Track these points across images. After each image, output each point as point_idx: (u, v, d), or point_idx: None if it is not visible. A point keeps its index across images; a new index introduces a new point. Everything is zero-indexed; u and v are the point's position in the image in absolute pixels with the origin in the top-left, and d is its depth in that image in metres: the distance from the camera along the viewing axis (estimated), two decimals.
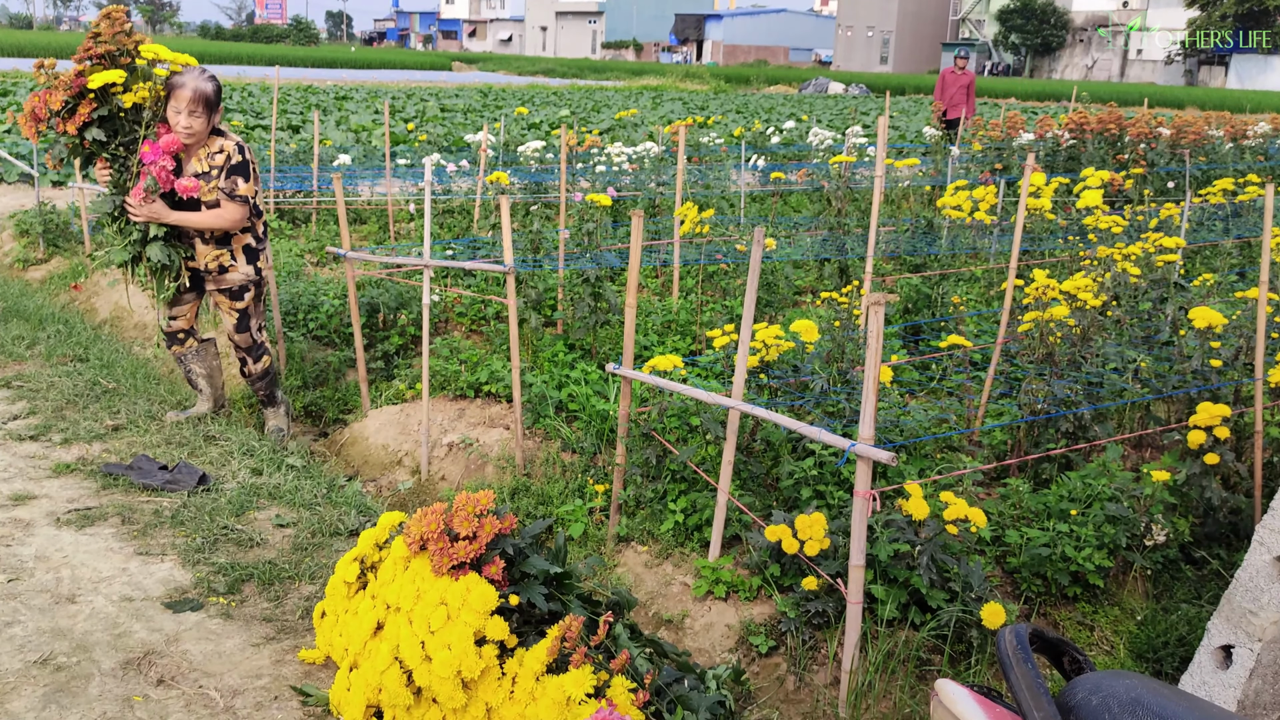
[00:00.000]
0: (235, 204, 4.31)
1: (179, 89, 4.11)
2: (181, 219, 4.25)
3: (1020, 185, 4.37)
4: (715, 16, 71.25)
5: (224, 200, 4.29)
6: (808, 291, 6.97)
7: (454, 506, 2.50)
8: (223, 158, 4.28)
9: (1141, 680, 1.34)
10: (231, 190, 4.29)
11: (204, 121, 4.17)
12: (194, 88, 4.13)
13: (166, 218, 4.20)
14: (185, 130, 4.13)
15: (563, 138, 6.90)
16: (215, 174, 4.25)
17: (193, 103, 4.12)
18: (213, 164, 4.25)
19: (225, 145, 4.30)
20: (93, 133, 3.96)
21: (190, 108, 4.12)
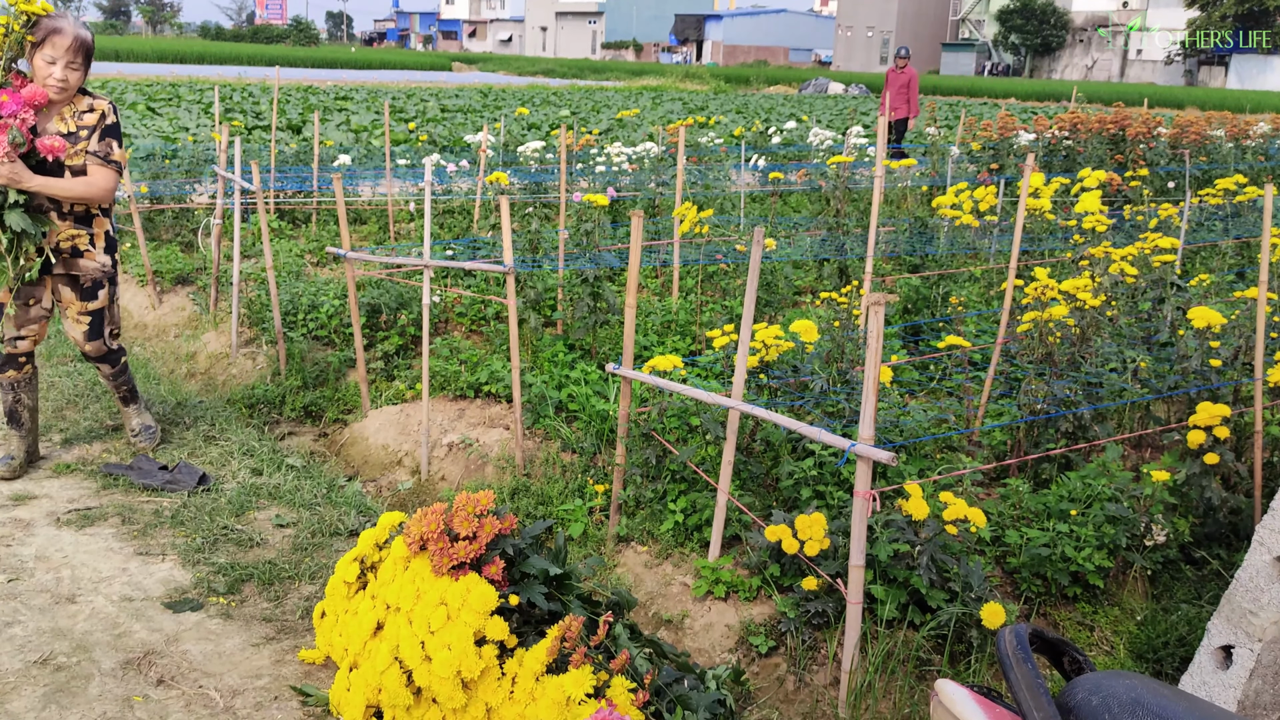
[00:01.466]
0: (109, 170, 3.73)
1: (57, 34, 3.52)
2: (45, 184, 3.61)
3: (1019, 185, 4.37)
4: (715, 17, 71.25)
5: (95, 166, 3.71)
6: (807, 291, 6.97)
7: (454, 507, 2.50)
8: (94, 117, 3.72)
9: (1141, 680, 1.34)
10: (106, 154, 3.72)
11: (80, 76, 3.65)
12: (76, 34, 3.57)
13: (28, 183, 3.55)
14: (58, 84, 3.57)
15: (562, 138, 6.90)
16: (85, 135, 3.69)
17: (72, 52, 3.57)
18: (81, 123, 3.69)
19: (96, 104, 3.74)
20: None
21: (69, 58, 3.56)
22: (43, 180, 3.59)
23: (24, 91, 3.48)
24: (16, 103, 3.43)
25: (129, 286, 7.29)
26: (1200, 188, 9.97)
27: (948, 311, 5.69)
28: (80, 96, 3.75)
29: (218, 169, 6.21)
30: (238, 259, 5.86)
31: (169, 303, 6.92)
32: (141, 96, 20.83)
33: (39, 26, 3.50)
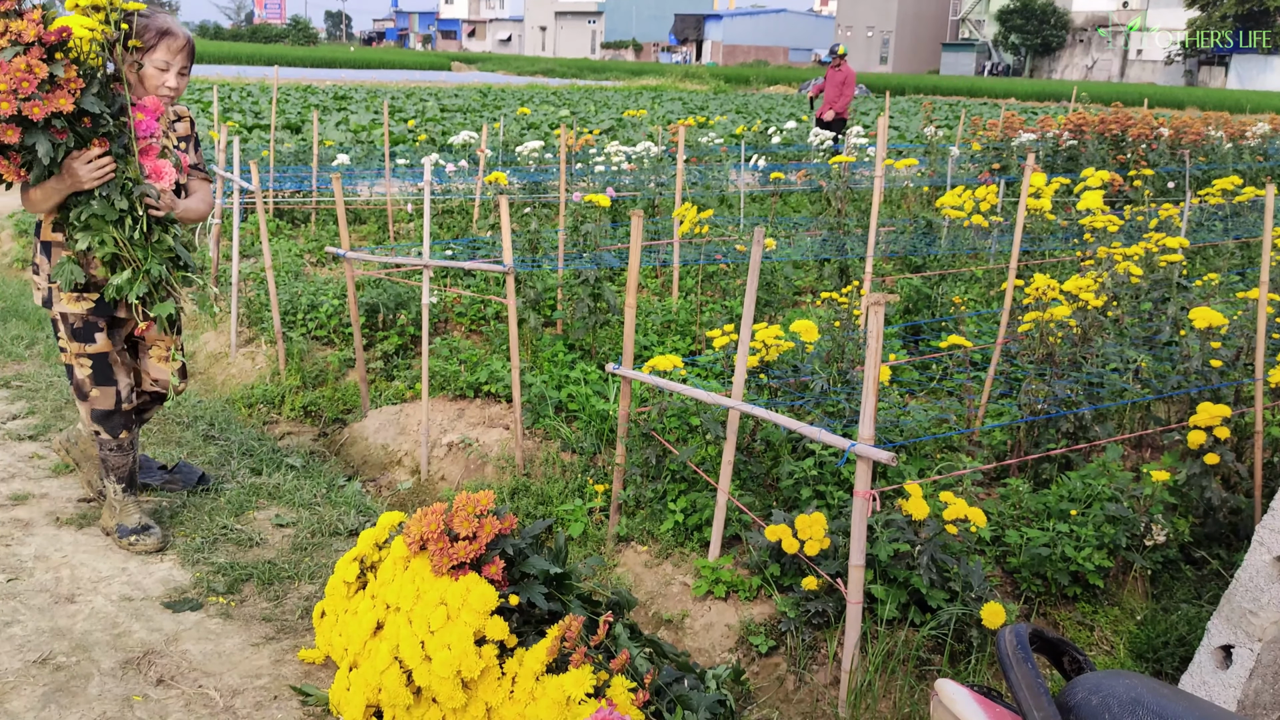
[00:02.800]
0: (210, 184, 3.39)
1: (170, 37, 3.09)
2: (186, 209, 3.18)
3: (1020, 185, 4.37)
4: (715, 17, 71.25)
5: (198, 181, 3.32)
6: (807, 291, 6.97)
7: (454, 506, 2.50)
8: (185, 126, 3.34)
9: (1141, 680, 1.34)
10: (205, 166, 3.38)
11: (186, 83, 3.22)
12: (187, 36, 3.16)
13: (176, 207, 3.10)
14: (171, 93, 3.13)
15: (562, 138, 6.89)
16: (182, 148, 3.32)
17: (185, 56, 3.15)
18: (178, 134, 3.32)
19: (180, 110, 3.34)
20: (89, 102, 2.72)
21: (182, 63, 3.14)
22: (184, 204, 3.17)
23: (147, 103, 2.98)
24: (153, 119, 2.96)
25: None
26: (1200, 188, 9.97)
27: (948, 311, 5.69)
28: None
29: (216, 168, 6.21)
30: (237, 258, 5.86)
31: None
32: None
33: (145, 26, 3.05)
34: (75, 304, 3.16)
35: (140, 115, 2.92)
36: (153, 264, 2.95)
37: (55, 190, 2.86)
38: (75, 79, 2.65)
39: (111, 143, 2.84)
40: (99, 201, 2.86)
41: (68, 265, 3.00)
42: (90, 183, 2.82)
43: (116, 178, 2.87)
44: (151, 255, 2.97)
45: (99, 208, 2.86)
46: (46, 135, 2.67)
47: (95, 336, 3.17)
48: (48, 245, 3.17)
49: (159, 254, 2.98)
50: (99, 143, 2.81)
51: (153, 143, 2.96)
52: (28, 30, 2.56)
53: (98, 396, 3.25)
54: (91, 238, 2.89)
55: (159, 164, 2.97)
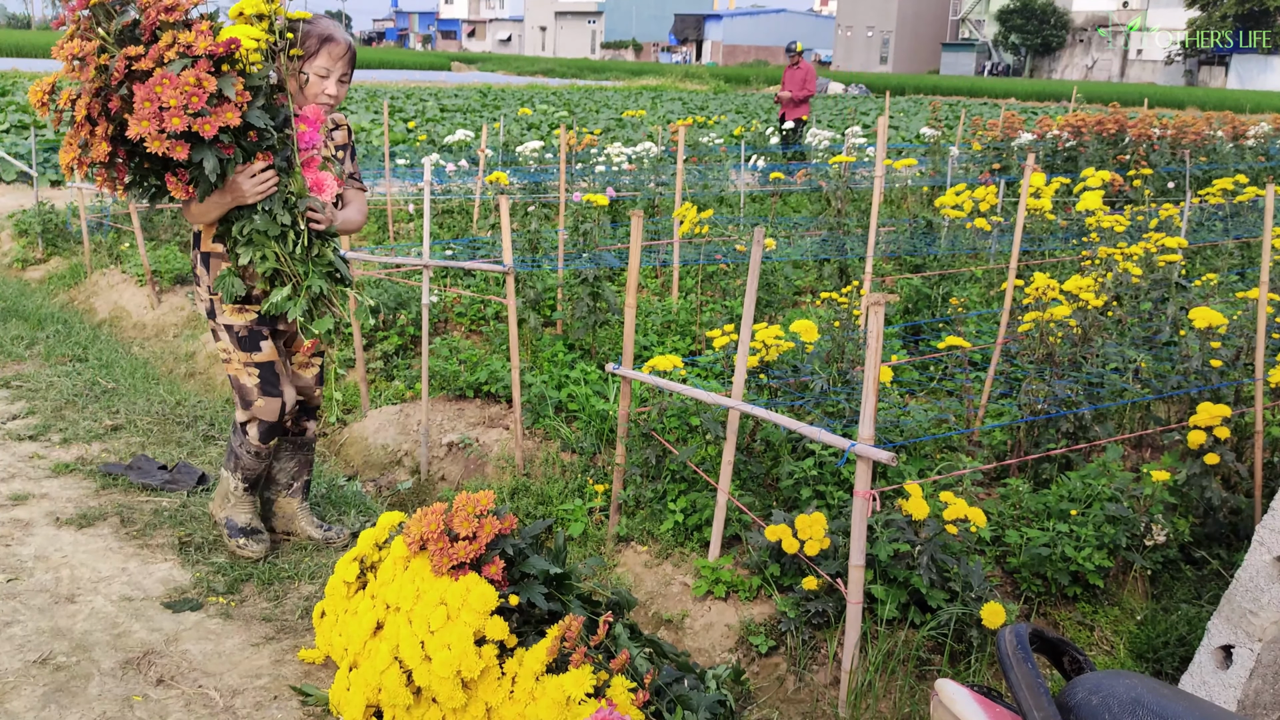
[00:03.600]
0: (364, 194, 3.24)
1: (332, 43, 2.93)
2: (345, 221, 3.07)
3: (1020, 185, 4.37)
4: (715, 17, 71.25)
5: (354, 191, 3.18)
6: (807, 291, 6.97)
7: (454, 506, 2.50)
8: (343, 135, 3.18)
9: (1141, 680, 1.34)
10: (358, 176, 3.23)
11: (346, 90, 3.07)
12: (349, 43, 3.00)
13: (336, 220, 2.97)
14: (331, 100, 2.99)
15: (562, 138, 6.89)
16: (343, 154, 3.17)
17: (346, 63, 2.99)
18: (336, 143, 3.16)
19: (338, 118, 3.19)
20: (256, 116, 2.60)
21: (343, 70, 2.98)
22: (343, 216, 3.06)
23: (308, 113, 2.83)
24: (315, 131, 2.82)
25: (128, 286, 7.29)
26: (1200, 188, 9.97)
27: (948, 311, 5.69)
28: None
29: None
30: None
31: (168, 302, 6.92)
32: None
33: (307, 33, 2.92)
34: (238, 315, 3.07)
35: (303, 126, 2.80)
36: (314, 279, 2.85)
37: (218, 204, 2.77)
38: (243, 92, 2.54)
39: (275, 156, 2.74)
40: (261, 216, 2.77)
41: (229, 279, 2.90)
42: (254, 197, 2.73)
43: (279, 191, 2.78)
44: (312, 270, 2.87)
45: (261, 223, 2.76)
46: (214, 151, 2.56)
47: (261, 345, 3.08)
48: (207, 256, 3.07)
49: (319, 268, 2.88)
50: (263, 156, 2.71)
51: (314, 154, 2.85)
52: (197, 42, 2.46)
53: (262, 406, 3.16)
54: (253, 252, 2.80)
55: (320, 176, 2.86)
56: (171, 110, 2.43)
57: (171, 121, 2.43)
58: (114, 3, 2.55)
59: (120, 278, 7.45)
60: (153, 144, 2.45)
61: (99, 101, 2.49)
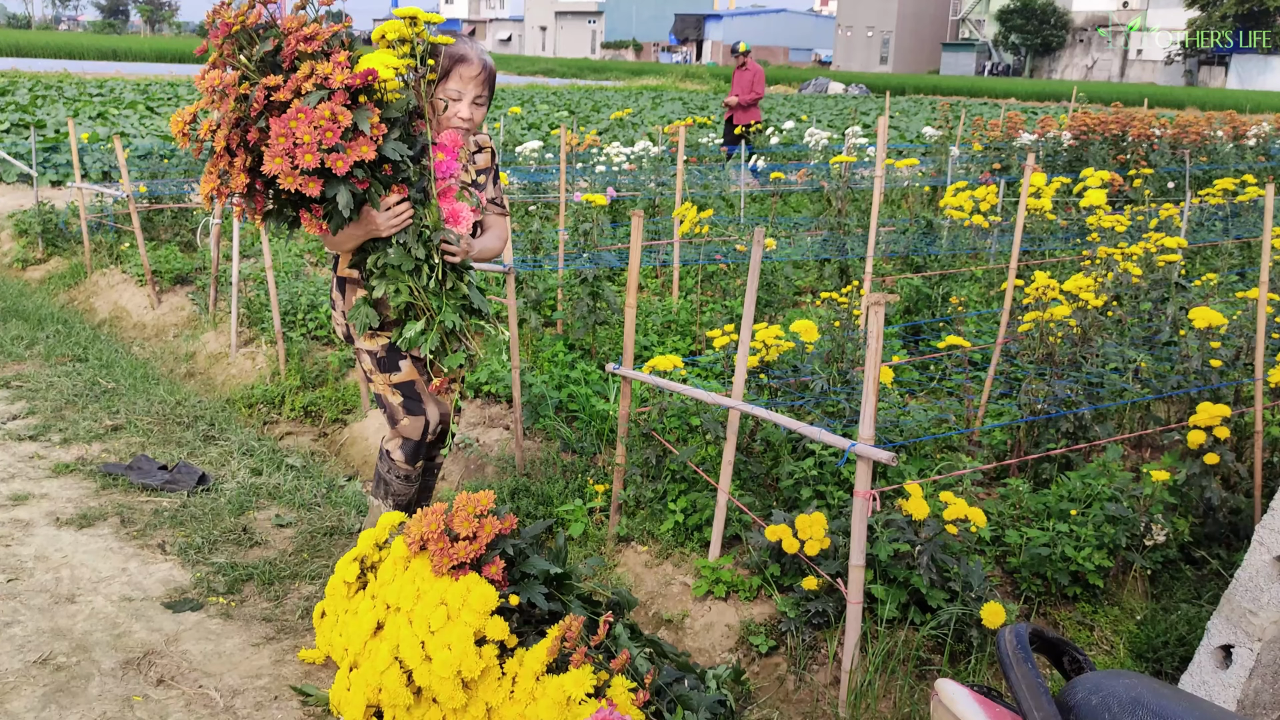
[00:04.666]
0: (506, 219, 3.12)
1: (464, 63, 2.83)
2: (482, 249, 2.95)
3: (1020, 185, 4.37)
4: (715, 16, 71.26)
5: (495, 216, 3.07)
6: (808, 291, 6.97)
7: (454, 507, 2.50)
8: (485, 158, 3.07)
9: (1141, 680, 1.34)
10: (502, 200, 3.11)
11: (484, 112, 2.95)
12: (484, 63, 2.88)
13: (473, 250, 2.85)
14: (465, 124, 2.88)
15: (562, 138, 6.90)
16: (484, 179, 3.05)
17: (480, 84, 2.88)
18: (476, 167, 3.04)
19: (481, 140, 3.08)
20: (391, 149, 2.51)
21: (477, 91, 2.87)
22: (480, 244, 2.93)
23: (445, 140, 2.72)
24: (453, 159, 2.69)
25: (128, 286, 7.29)
26: (1200, 188, 9.97)
27: (948, 311, 5.69)
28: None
29: None
30: (237, 259, 5.86)
31: (168, 302, 6.92)
32: (140, 96, 20.83)
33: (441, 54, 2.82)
34: (373, 340, 3.02)
35: (440, 155, 2.67)
36: (447, 314, 2.74)
37: (353, 236, 2.69)
38: (379, 124, 2.44)
39: (410, 188, 2.64)
40: (395, 249, 2.66)
41: (363, 309, 2.81)
42: (388, 230, 2.64)
43: (414, 224, 2.67)
44: (446, 305, 2.76)
45: (395, 256, 2.66)
46: (348, 186, 2.47)
47: (400, 365, 3.02)
48: (343, 282, 3.02)
49: (454, 302, 2.77)
50: (398, 189, 2.61)
51: (452, 183, 2.73)
52: (334, 74, 2.38)
53: (407, 425, 3.09)
54: (387, 285, 2.72)
55: (457, 206, 2.73)
56: (304, 147, 2.36)
57: (304, 158, 2.37)
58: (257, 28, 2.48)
59: (120, 278, 7.46)
60: (285, 180, 2.39)
61: (238, 133, 2.43)
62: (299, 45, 2.42)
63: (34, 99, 18.87)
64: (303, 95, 2.39)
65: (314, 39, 2.43)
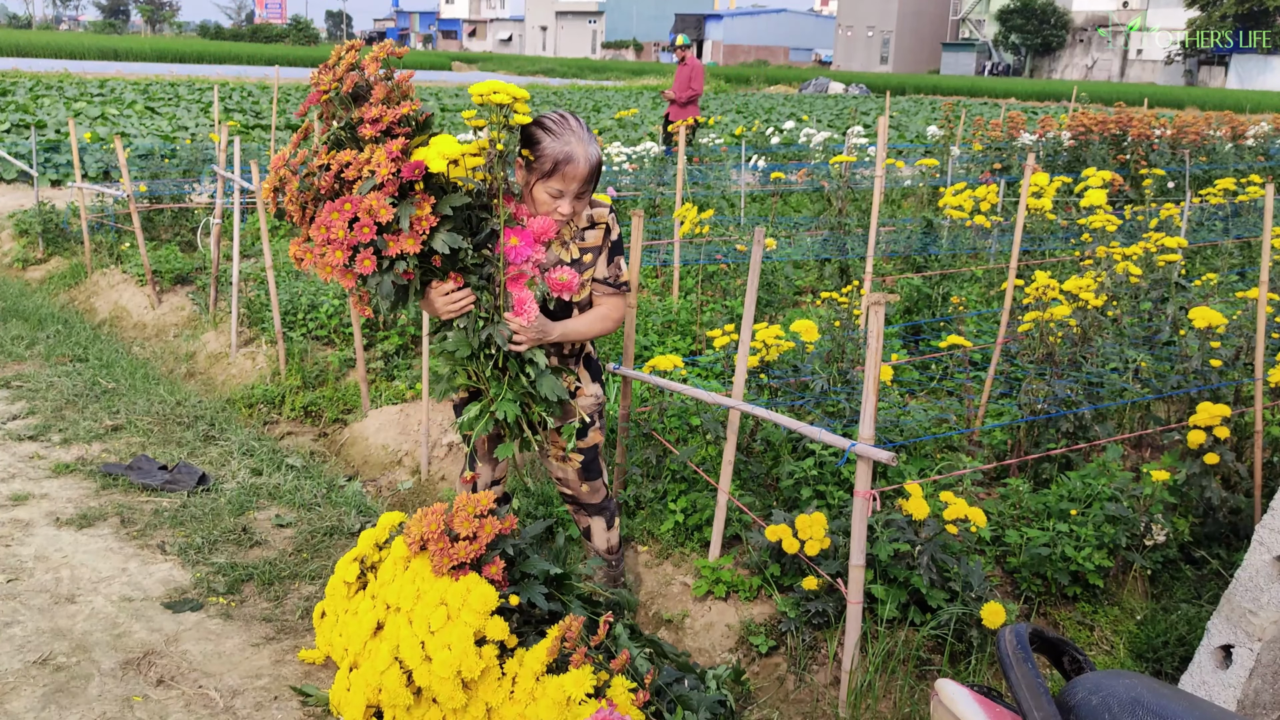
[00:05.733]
0: (620, 299, 2.90)
1: (569, 164, 2.63)
2: (566, 332, 2.78)
3: (1021, 185, 4.37)
4: (715, 16, 71.26)
5: (605, 296, 2.87)
6: (808, 291, 6.97)
7: (454, 507, 2.50)
8: (597, 235, 2.84)
9: (1141, 680, 1.34)
10: (616, 279, 2.89)
11: (586, 203, 2.78)
12: (589, 160, 2.67)
13: (551, 334, 2.71)
14: (563, 219, 2.71)
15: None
16: (590, 259, 2.85)
17: (583, 182, 2.68)
18: (584, 245, 2.83)
19: (597, 215, 2.85)
20: (442, 240, 2.40)
21: (580, 189, 2.68)
22: (563, 328, 2.76)
23: (532, 225, 2.59)
24: (529, 245, 2.56)
25: (128, 286, 7.30)
26: (1200, 187, 9.97)
27: (948, 311, 5.69)
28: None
29: (217, 168, 6.21)
30: (237, 258, 5.86)
31: (168, 302, 6.92)
32: (140, 96, 20.83)
33: (542, 150, 2.65)
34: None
35: (514, 240, 2.53)
36: (503, 404, 2.62)
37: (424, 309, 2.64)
38: (427, 217, 2.34)
39: (469, 275, 2.52)
40: (454, 334, 2.59)
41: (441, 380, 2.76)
42: (445, 315, 2.56)
43: (475, 310, 2.57)
44: (505, 394, 2.63)
45: (452, 342, 2.59)
46: (390, 276, 2.39)
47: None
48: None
49: (514, 392, 2.64)
50: (455, 276, 2.51)
51: (525, 269, 2.57)
52: (381, 167, 2.29)
53: (466, 475, 3.08)
54: (448, 367, 2.68)
55: (523, 296, 2.58)
56: (335, 243, 2.31)
57: (334, 254, 2.32)
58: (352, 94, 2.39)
59: (121, 278, 7.46)
60: (321, 272, 2.35)
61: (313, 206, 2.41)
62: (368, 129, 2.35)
63: (34, 99, 18.88)
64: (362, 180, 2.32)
65: (379, 121, 2.34)
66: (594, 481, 3.06)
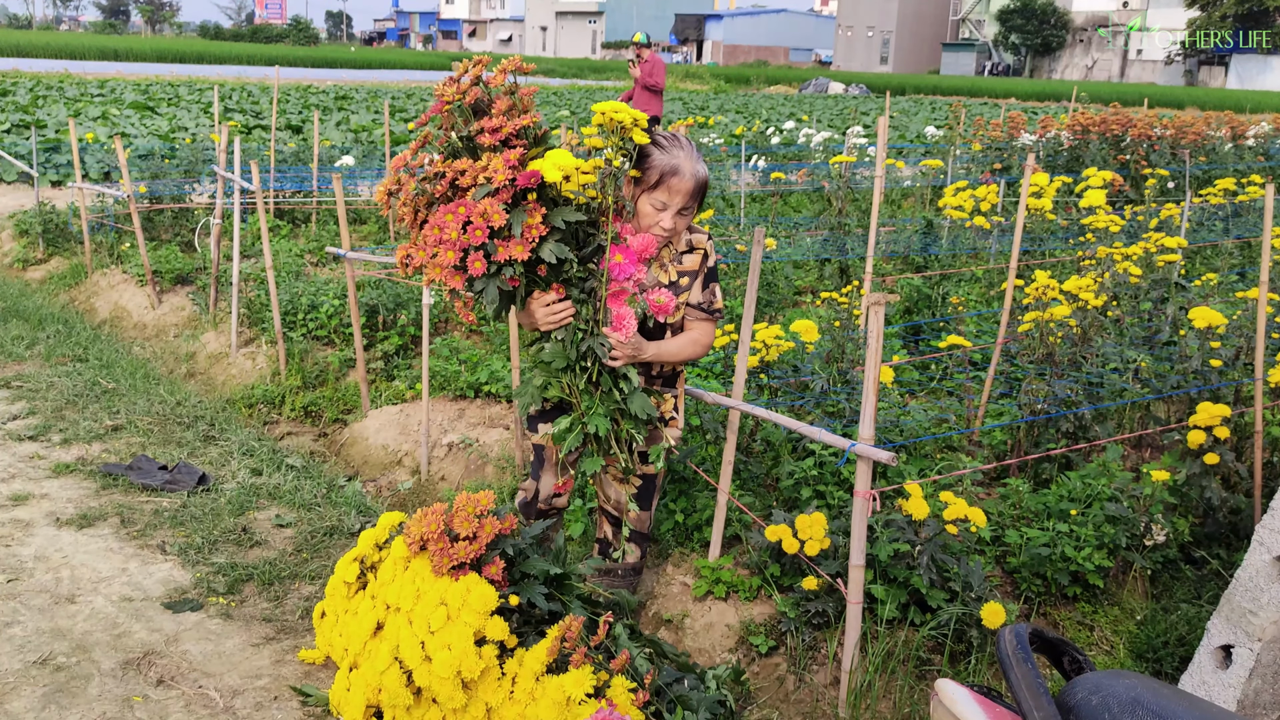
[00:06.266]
0: (711, 324, 2.93)
1: (674, 176, 2.68)
2: (659, 353, 2.79)
3: (1021, 185, 4.37)
4: (715, 16, 71.28)
5: (697, 321, 2.90)
6: (808, 291, 6.97)
7: (454, 507, 2.50)
8: (695, 259, 2.87)
9: (1141, 680, 1.34)
10: (710, 305, 2.91)
11: (688, 220, 2.82)
12: (695, 176, 2.74)
13: (645, 353, 2.72)
14: (665, 233, 2.75)
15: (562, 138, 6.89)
16: (686, 283, 2.87)
17: (688, 196, 2.73)
18: (681, 268, 2.86)
19: (696, 241, 2.89)
20: (550, 250, 2.44)
21: (683, 203, 2.73)
22: (656, 348, 2.77)
23: (634, 243, 2.60)
24: (632, 263, 2.57)
25: (128, 286, 7.30)
26: (1200, 187, 9.97)
27: (948, 311, 5.69)
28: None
29: (217, 169, 6.21)
30: (237, 259, 5.86)
31: (168, 302, 6.92)
32: (140, 96, 20.83)
33: (650, 163, 2.69)
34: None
35: (618, 257, 2.55)
36: (595, 418, 2.63)
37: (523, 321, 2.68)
38: (538, 225, 2.38)
39: (571, 287, 2.55)
40: (551, 345, 2.62)
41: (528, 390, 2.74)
42: (545, 326, 2.58)
43: (574, 323, 2.59)
44: (597, 408, 2.65)
45: (549, 353, 2.61)
46: (496, 281, 2.43)
47: (539, 427, 2.97)
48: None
49: (605, 407, 2.65)
50: (557, 287, 2.54)
51: (626, 286, 2.59)
52: (497, 174, 2.32)
53: (527, 486, 3.10)
54: (543, 378, 2.69)
55: (622, 312, 2.60)
56: (448, 243, 2.36)
57: (446, 254, 2.37)
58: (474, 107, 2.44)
59: (121, 278, 7.46)
60: (431, 272, 2.40)
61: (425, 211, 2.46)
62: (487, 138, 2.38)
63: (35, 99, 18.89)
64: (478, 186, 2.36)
65: (498, 131, 2.38)
66: (645, 511, 3.05)
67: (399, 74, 42.72)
